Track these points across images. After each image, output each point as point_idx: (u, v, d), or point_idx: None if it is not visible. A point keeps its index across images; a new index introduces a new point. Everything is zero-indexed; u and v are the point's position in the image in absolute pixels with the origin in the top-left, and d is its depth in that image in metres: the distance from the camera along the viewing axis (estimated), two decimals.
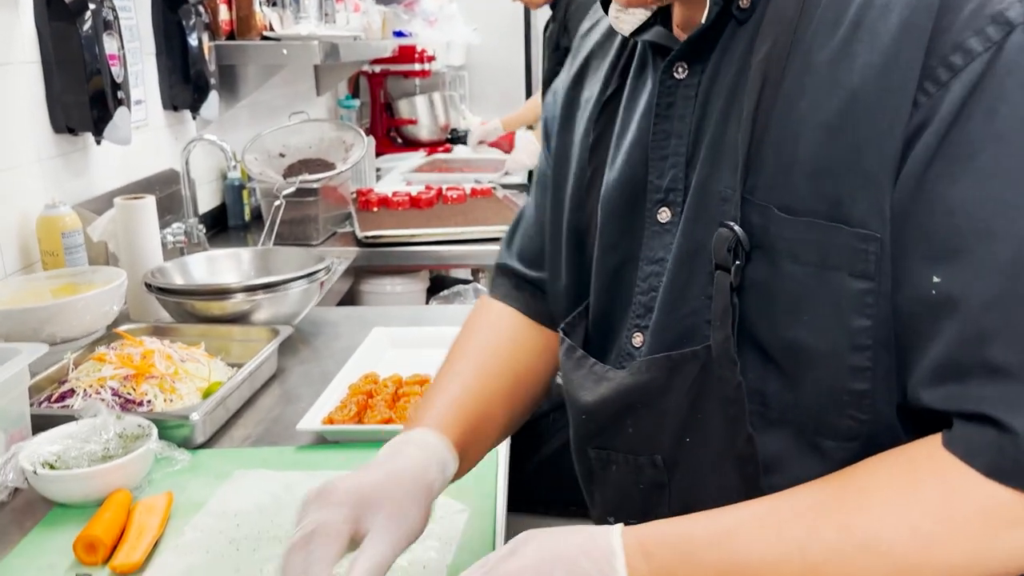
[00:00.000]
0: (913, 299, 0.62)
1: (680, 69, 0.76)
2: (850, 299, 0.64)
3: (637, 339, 0.81)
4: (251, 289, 1.59)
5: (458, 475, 0.83)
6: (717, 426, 0.73)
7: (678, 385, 0.74)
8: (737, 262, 0.68)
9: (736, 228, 0.68)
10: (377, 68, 4.29)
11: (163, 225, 2.08)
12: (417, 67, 4.22)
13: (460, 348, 0.98)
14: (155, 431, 1.14)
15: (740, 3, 0.72)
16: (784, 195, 0.66)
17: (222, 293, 1.58)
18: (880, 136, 0.61)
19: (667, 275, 0.76)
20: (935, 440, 0.60)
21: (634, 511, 0.78)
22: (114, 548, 0.98)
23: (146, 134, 2.22)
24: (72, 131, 1.84)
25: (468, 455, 0.85)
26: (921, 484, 0.59)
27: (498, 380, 0.92)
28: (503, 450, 1.17)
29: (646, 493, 0.81)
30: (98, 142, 1.88)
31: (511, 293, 1.03)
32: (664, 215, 0.78)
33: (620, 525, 0.65)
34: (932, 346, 0.60)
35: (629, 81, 0.84)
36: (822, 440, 0.69)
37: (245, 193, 2.70)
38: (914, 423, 0.64)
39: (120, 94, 1.86)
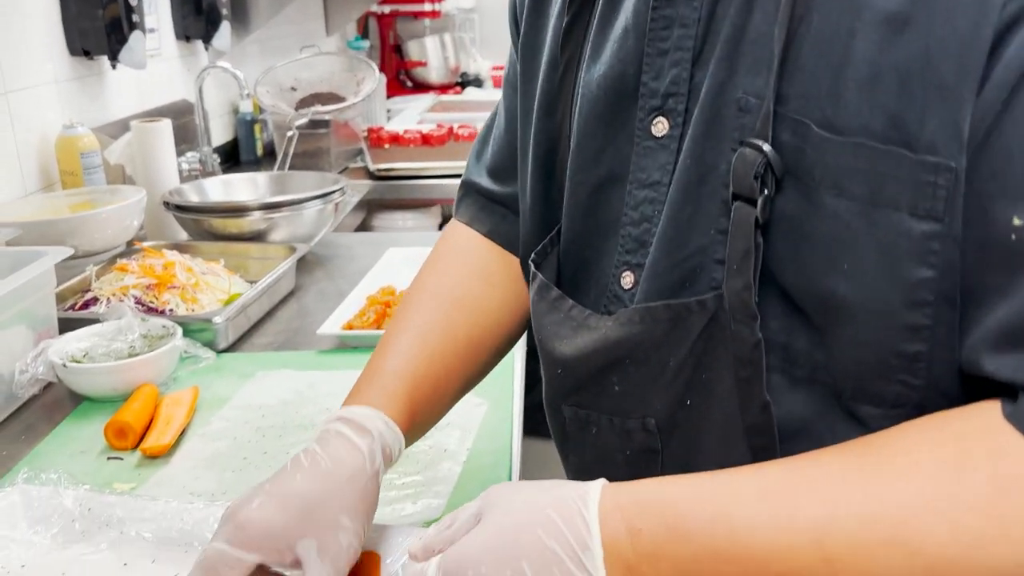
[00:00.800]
0: (984, 243, 0.50)
1: None
2: (910, 244, 0.51)
3: (627, 279, 0.66)
4: (268, 207, 1.61)
5: (409, 444, 0.73)
6: (726, 389, 0.60)
7: (679, 340, 0.61)
8: (766, 191, 0.55)
9: (766, 148, 0.54)
10: (387, 8, 4.26)
11: (178, 154, 2.09)
12: (427, 7, 4.19)
13: (419, 291, 0.82)
14: (179, 331, 1.17)
15: None
16: (828, 108, 0.53)
17: (239, 211, 1.60)
18: (962, 33, 0.48)
19: (667, 205, 0.62)
20: (993, 410, 0.49)
21: (617, 480, 0.58)
22: (143, 434, 1.01)
23: (159, 64, 2.23)
24: (88, 54, 1.84)
25: (419, 426, 0.75)
26: (970, 466, 0.47)
27: (461, 345, 0.78)
28: (519, 351, 1.20)
29: (633, 460, 0.67)
30: (113, 66, 1.88)
31: (478, 216, 0.87)
32: (661, 127, 0.63)
33: (598, 491, 0.54)
34: (1003, 303, 0.49)
35: None
36: (860, 406, 0.57)
37: (257, 128, 2.71)
38: (970, 392, 0.53)
39: (134, 17, 1.86)
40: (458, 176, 0.92)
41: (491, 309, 0.81)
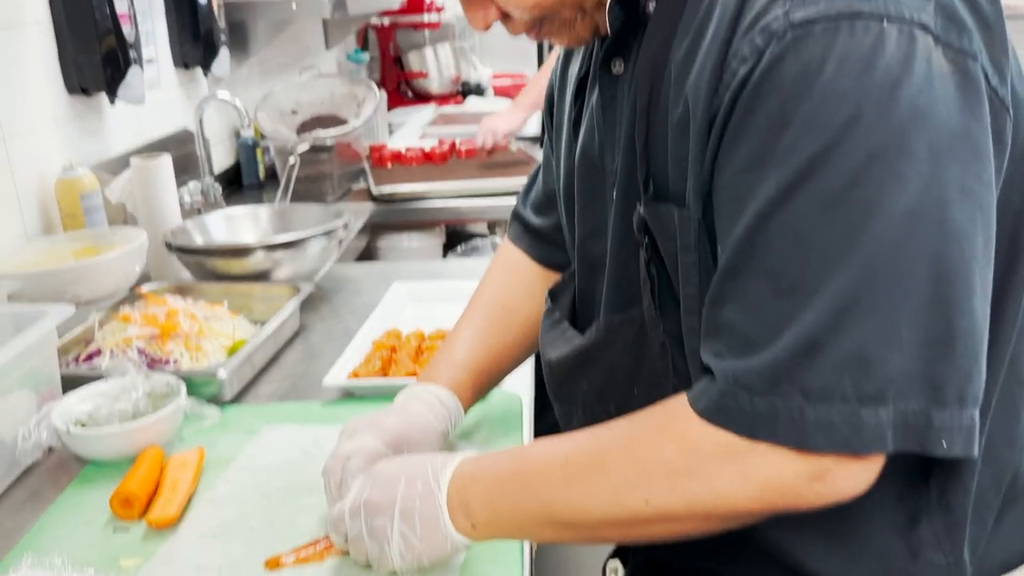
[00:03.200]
0: (712, 267, 0.71)
1: (617, 64, 0.81)
2: (684, 270, 0.74)
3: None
4: (271, 247, 1.59)
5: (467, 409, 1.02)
6: (657, 378, 0.81)
7: (619, 345, 0.83)
8: (646, 238, 0.77)
9: (640, 209, 0.77)
10: (386, 20, 4.24)
11: (179, 185, 2.08)
12: (426, 18, 4.17)
13: (477, 299, 1.11)
14: (183, 388, 1.16)
15: (645, 8, 0.77)
16: (659, 183, 0.75)
17: (242, 251, 1.59)
18: (697, 131, 0.68)
19: (609, 248, 0.84)
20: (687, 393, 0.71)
21: None
22: (149, 502, 0.99)
23: (158, 93, 2.21)
24: (86, 91, 1.83)
25: (477, 397, 1.04)
26: (660, 425, 0.70)
27: (504, 335, 1.07)
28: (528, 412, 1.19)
29: None
30: (112, 102, 1.87)
31: (521, 237, 1.14)
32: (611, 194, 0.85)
33: (463, 454, 0.81)
34: (708, 305, 0.69)
35: (591, 67, 0.89)
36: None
37: (259, 152, 2.70)
38: None
39: (132, 53, 1.85)
40: (461, 196, 1.28)
41: (532, 314, 1.06)
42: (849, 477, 0.63)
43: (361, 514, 0.80)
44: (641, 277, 0.80)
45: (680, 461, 0.67)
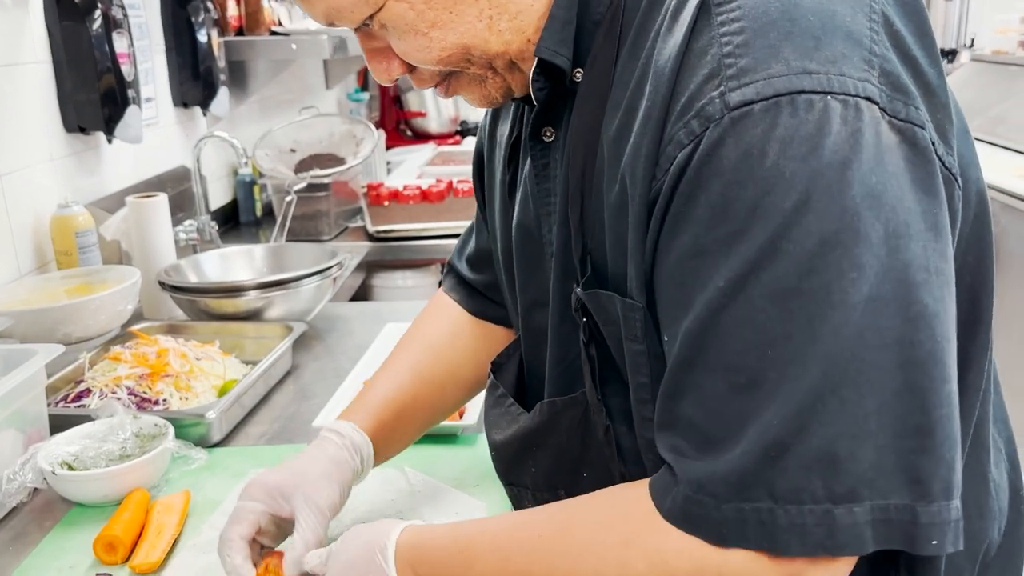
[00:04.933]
0: (661, 355, 0.68)
1: (548, 133, 0.78)
2: (631, 359, 0.70)
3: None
4: (264, 286, 1.59)
5: (378, 462, 0.97)
6: (604, 463, 0.77)
7: (563, 428, 0.79)
8: (584, 320, 0.73)
9: (577, 291, 0.73)
10: None
11: (175, 222, 2.08)
12: None
13: (403, 343, 1.07)
14: (171, 430, 1.15)
15: (573, 77, 0.73)
16: (598, 263, 0.72)
17: (235, 291, 1.59)
18: (636, 216, 0.65)
19: (550, 325, 0.81)
20: (647, 481, 0.66)
21: None
22: (133, 547, 0.98)
23: (157, 131, 2.23)
24: (84, 130, 1.84)
25: (387, 446, 0.99)
26: (626, 537, 0.64)
27: (426, 383, 1.02)
28: None
29: None
30: (109, 141, 1.88)
31: (455, 288, 1.10)
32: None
33: (403, 526, 0.76)
34: (660, 398, 0.66)
35: (523, 132, 0.84)
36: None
37: (256, 189, 2.71)
38: None
39: (130, 92, 1.86)
40: (457, 235, 1.20)
41: (454, 359, 1.04)
42: (826, 574, 0.59)
43: None
44: (582, 358, 0.75)
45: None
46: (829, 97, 0.57)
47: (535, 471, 0.83)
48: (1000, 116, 3.66)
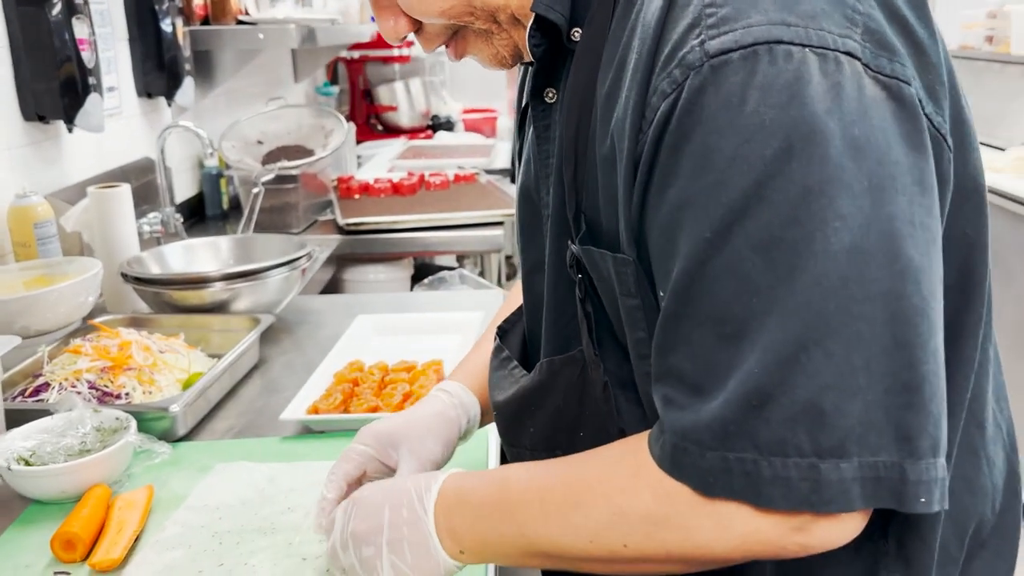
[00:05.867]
0: (658, 309, 0.68)
1: (550, 94, 0.78)
2: (627, 315, 0.70)
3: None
4: (230, 277, 1.55)
5: (484, 423, 0.99)
6: (602, 421, 0.78)
7: (561, 387, 0.79)
8: (580, 276, 0.74)
9: (572, 248, 0.74)
10: (356, 54, 4.24)
11: (139, 215, 2.03)
12: (396, 52, 4.17)
13: (503, 309, 1.07)
14: (134, 423, 1.11)
15: (572, 35, 0.74)
16: (592, 220, 0.72)
17: (200, 282, 1.54)
18: (625, 169, 0.65)
19: (546, 286, 0.82)
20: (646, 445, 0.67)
21: None
22: (93, 544, 0.94)
23: (120, 122, 2.17)
24: (43, 119, 1.79)
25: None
26: (633, 470, 0.65)
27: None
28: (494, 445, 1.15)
29: None
30: (70, 130, 1.83)
31: None
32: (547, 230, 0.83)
33: (447, 473, 0.77)
34: (656, 353, 0.66)
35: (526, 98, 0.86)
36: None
37: (223, 182, 2.65)
38: None
39: (91, 80, 1.81)
40: (431, 228, 1.11)
41: None
42: (832, 528, 0.59)
43: (349, 547, 0.76)
44: (579, 317, 0.76)
45: (657, 510, 0.63)
46: (807, 50, 0.57)
47: (533, 431, 0.84)
48: None
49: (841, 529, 0.59)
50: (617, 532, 0.65)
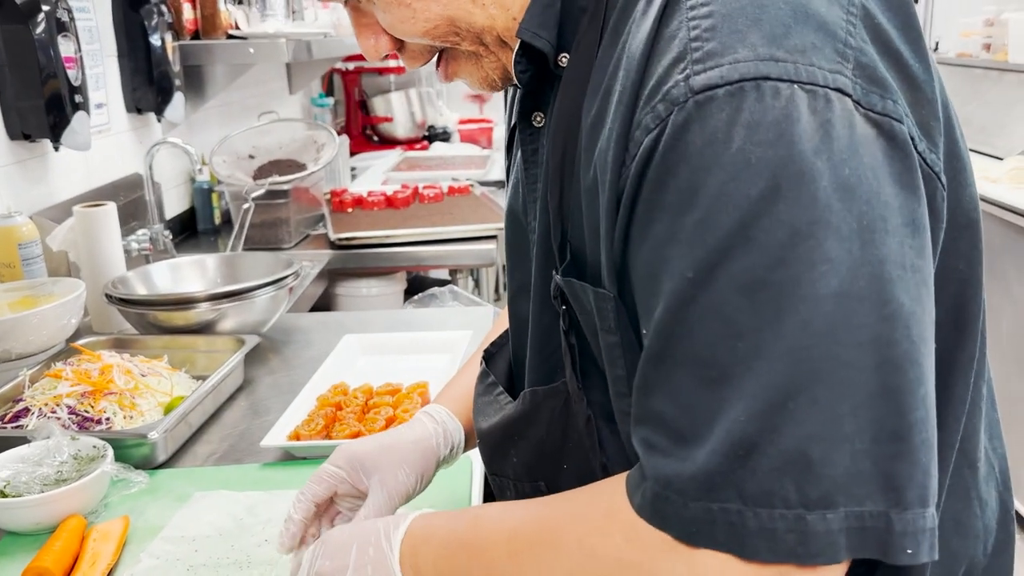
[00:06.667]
0: (640, 346, 0.66)
1: (537, 118, 0.77)
2: (607, 351, 0.69)
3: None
4: (216, 298, 1.54)
5: (469, 446, 0.97)
6: (585, 454, 0.76)
7: (544, 418, 0.78)
8: (564, 307, 0.73)
9: (556, 278, 0.72)
10: (351, 65, 4.23)
11: (129, 232, 2.02)
12: (392, 63, 4.16)
13: (492, 331, 1.05)
14: (111, 452, 1.09)
15: (559, 61, 0.72)
16: (576, 250, 0.71)
17: (185, 303, 1.53)
18: (607, 202, 0.63)
19: (531, 313, 0.80)
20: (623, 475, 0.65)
21: None
22: None
23: (109, 138, 2.16)
24: (28, 137, 1.77)
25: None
26: (606, 512, 0.63)
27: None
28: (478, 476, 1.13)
29: None
30: (56, 148, 1.82)
31: None
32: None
33: (413, 515, 0.75)
34: (637, 394, 0.64)
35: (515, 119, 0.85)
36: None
37: (214, 196, 2.64)
38: None
39: (78, 98, 1.80)
40: (424, 242, 1.08)
41: None
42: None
43: None
44: (563, 347, 0.75)
45: (629, 554, 0.61)
46: (796, 86, 0.54)
47: (516, 461, 0.82)
48: (965, 119, 3.68)
49: None
50: (589, 574, 0.63)
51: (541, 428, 0.79)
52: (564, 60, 0.72)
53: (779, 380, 0.54)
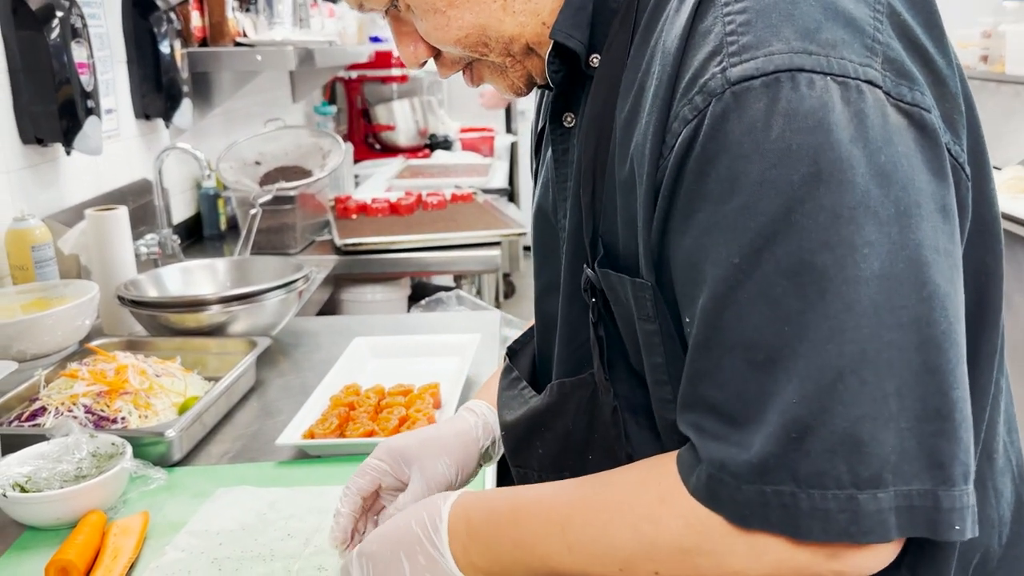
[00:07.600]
0: (681, 334, 0.68)
1: (568, 118, 0.79)
2: (645, 339, 0.70)
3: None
4: (227, 300, 1.55)
5: None
6: (610, 445, 0.78)
7: (571, 409, 0.80)
8: (594, 300, 0.74)
9: (587, 271, 0.74)
10: (354, 74, 4.26)
11: (137, 236, 2.04)
12: (394, 72, 4.19)
13: (485, 386, 1.07)
14: (129, 449, 1.11)
15: (589, 62, 0.74)
16: (609, 244, 0.73)
17: (197, 305, 1.54)
18: (645, 194, 0.65)
19: (560, 308, 0.82)
20: (675, 454, 0.66)
21: None
22: (88, 572, 0.94)
23: (117, 144, 2.18)
24: (41, 142, 1.79)
25: None
26: (658, 498, 0.65)
27: None
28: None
29: None
30: (68, 152, 1.84)
31: None
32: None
33: (456, 496, 0.76)
34: (683, 379, 0.66)
35: (543, 120, 0.87)
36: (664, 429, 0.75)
37: (220, 202, 2.66)
38: None
39: (90, 103, 1.82)
40: (428, 248, 1.09)
41: None
42: (867, 556, 0.58)
43: None
44: (591, 339, 0.76)
45: (688, 539, 0.62)
46: (829, 78, 0.57)
47: (542, 452, 0.83)
48: None
49: (875, 557, 0.59)
50: (648, 559, 0.64)
51: (567, 419, 0.80)
52: (595, 60, 0.74)
53: (828, 361, 0.56)
